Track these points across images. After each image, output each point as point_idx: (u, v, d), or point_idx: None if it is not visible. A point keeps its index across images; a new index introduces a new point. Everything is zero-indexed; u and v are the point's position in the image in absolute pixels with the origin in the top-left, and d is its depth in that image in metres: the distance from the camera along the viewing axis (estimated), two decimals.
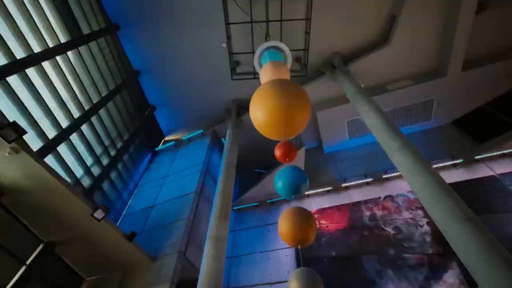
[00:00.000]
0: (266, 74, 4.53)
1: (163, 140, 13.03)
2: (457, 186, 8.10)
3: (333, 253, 8.17)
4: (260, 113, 3.65)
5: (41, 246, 6.19)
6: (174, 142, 12.23)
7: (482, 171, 8.64)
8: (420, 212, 8.29)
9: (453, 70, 9.55)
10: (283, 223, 2.62)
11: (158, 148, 12.30)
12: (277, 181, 2.91)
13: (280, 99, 3.47)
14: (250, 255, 9.09)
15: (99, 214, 5.50)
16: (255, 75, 8.91)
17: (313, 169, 11.26)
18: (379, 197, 9.18)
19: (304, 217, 2.62)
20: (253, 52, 7.80)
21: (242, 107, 11.37)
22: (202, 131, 11.92)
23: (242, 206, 10.77)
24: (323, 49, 9.81)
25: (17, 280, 5.53)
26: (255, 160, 12.61)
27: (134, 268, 6.98)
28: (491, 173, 8.46)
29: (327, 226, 8.91)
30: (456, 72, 9.62)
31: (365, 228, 8.46)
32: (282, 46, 5.71)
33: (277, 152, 3.09)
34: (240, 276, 8.53)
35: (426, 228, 7.86)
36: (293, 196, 2.73)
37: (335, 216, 9.17)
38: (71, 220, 5.86)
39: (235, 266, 8.93)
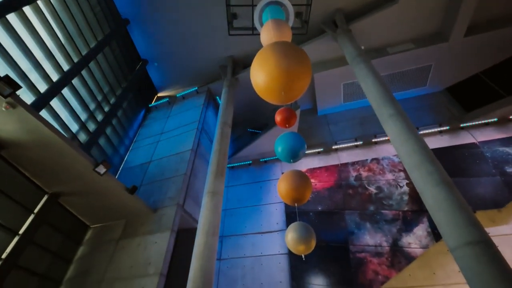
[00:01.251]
0: (267, 34, 4.40)
1: (156, 97, 12.78)
2: (439, 152, 8.65)
3: (319, 208, 8.96)
4: (261, 77, 3.68)
5: (46, 197, 6.53)
6: (167, 99, 12.04)
7: (465, 138, 9.14)
8: (402, 174, 8.95)
9: (456, 34, 9.33)
10: (282, 184, 2.90)
11: (151, 105, 12.13)
12: (277, 146, 3.10)
13: (282, 65, 3.49)
14: (243, 208, 9.84)
15: (100, 169, 5.73)
16: (253, 31, 8.47)
17: (306, 130, 11.56)
18: (366, 159, 9.73)
19: (300, 180, 2.90)
20: (252, 5, 7.33)
21: (238, 65, 11.02)
22: (196, 88, 11.69)
23: (236, 164, 11.23)
24: (326, 4, 9.25)
25: (27, 227, 5.96)
26: (250, 120, 12.74)
27: (136, 217, 7.53)
28: (472, 140, 8.97)
29: (316, 184, 9.57)
30: (459, 37, 9.41)
31: (350, 187, 9.16)
32: (285, 1, 5.40)
33: (277, 118, 3.23)
34: (234, 226, 9.36)
35: (405, 188, 8.60)
36: (291, 160, 2.96)
37: (324, 176, 9.79)
38: (73, 174, 6.09)
39: (229, 217, 9.71)
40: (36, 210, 6.22)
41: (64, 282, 6.97)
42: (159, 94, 12.79)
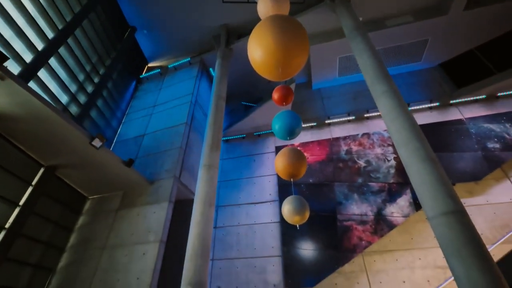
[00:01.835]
0: (264, 5, 4.26)
1: (146, 67, 12.34)
2: (427, 128, 8.96)
3: (310, 181, 9.37)
4: (258, 53, 3.67)
5: (42, 170, 6.58)
6: (159, 70, 11.66)
7: (453, 115, 9.44)
8: (390, 148, 9.32)
9: (456, 7, 9.14)
10: (280, 160, 3.07)
11: (142, 76, 11.76)
12: (275, 124, 3.21)
13: (280, 41, 3.48)
14: (237, 180, 10.19)
15: (96, 142, 5.75)
16: None
17: (300, 104, 11.60)
18: (358, 134, 10.00)
19: (297, 156, 3.06)
20: None
21: (232, 34, 10.61)
22: (189, 59, 11.31)
23: (230, 138, 11.35)
24: None
25: (27, 199, 6.10)
26: (244, 93, 12.62)
27: (134, 189, 7.75)
28: (460, 117, 9.28)
29: (308, 158, 9.88)
30: (459, 10, 9.24)
31: (341, 161, 9.53)
32: None
33: (275, 96, 3.29)
34: (228, 197, 9.76)
35: (393, 162, 9.02)
36: (288, 138, 3.09)
37: (315, 150, 10.08)
38: (69, 147, 6.11)
39: (224, 188, 10.08)
40: (34, 183, 6.32)
41: (67, 249, 7.33)
42: (150, 65, 12.35)
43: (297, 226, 3.17)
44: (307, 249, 8.00)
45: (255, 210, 9.25)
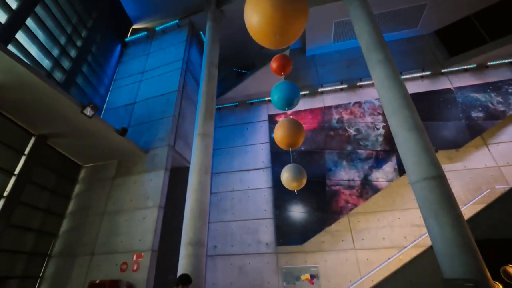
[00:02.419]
0: None
1: (131, 29, 11.54)
2: (417, 97, 9.15)
3: (302, 148, 9.66)
4: (256, 19, 3.58)
5: (33, 139, 6.48)
6: (146, 32, 10.95)
7: (443, 84, 9.60)
8: (380, 117, 9.56)
9: None
10: (278, 131, 3.18)
11: (128, 39, 11.05)
12: (274, 94, 3.24)
13: (279, 6, 3.38)
14: (231, 148, 10.37)
15: (88, 111, 5.64)
16: None
17: (294, 72, 11.40)
18: (349, 103, 10.12)
19: (295, 127, 3.17)
20: None
21: None
22: (177, 21, 10.61)
23: (222, 106, 11.25)
24: None
25: (22, 168, 6.09)
26: (236, 59, 12.21)
27: (128, 157, 7.81)
28: (449, 86, 9.47)
29: None
30: None
31: (332, 129, 9.76)
32: None
33: (273, 65, 3.27)
34: (222, 164, 10.02)
35: (381, 130, 9.34)
36: (286, 108, 3.16)
37: (308, 118, 10.21)
38: (59, 116, 5.96)
39: (217, 156, 10.28)
40: (26, 152, 6.26)
41: (66, 215, 7.56)
42: (135, 26, 11.54)
43: (295, 191, 3.41)
44: (297, 212, 8.57)
45: (249, 177, 9.61)
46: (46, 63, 7.07)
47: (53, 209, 7.23)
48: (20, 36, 6.09)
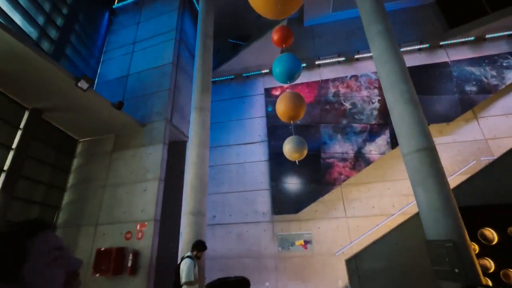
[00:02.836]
0: None
1: None
2: (414, 70, 9.14)
3: (298, 122, 9.76)
4: None
5: (27, 113, 6.37)
6: None
7: (440, 57, 9.57)
8: (376, 91, 9.61)
9: None
10: (281, 104, 3.24)
11: (116, 6, 10.41)
12: (275, 67, 3.24)
13: None
14: (227, 122, 10.40)
15: (83, 84, 5.52)
16: None
17: (292, 43, 11.09)
18: (346, 76, 10.07)
19: (297, 100, 3.23)
20: None
21: None
22: None
23: (218, 79, 11.05)
24: None
25: (19, 142, 6.07)
26: (231, 29, 11.74)
27: (125, 131, 7.80)
28: (446, 59, 9.45)
29: None
30: None
31: (328, 103, 9.81)
32: None
33: (274, 37, 3.24)
34: (219, 138, 10.10)
35: (376, 104, 9.44)
36: (288, 82, 3.18)
37: (304, 92, 10.18)
38: (52, 89, 5.83)
39: (214, 130, 10.30)
40: (22, 126, 6.19)
41: (67, 188, 7.71)
42: None
43: (296, 162, 3.57)
44: (292, 183, 8.92)
45: (245, 150, 9.79)
46: (32, 32, 6.71)
47: (54, 182, 7.34)
48: (1, 2, 5.70)
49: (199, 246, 3.83)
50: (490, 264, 4.58)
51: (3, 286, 0.49)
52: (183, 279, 3.65)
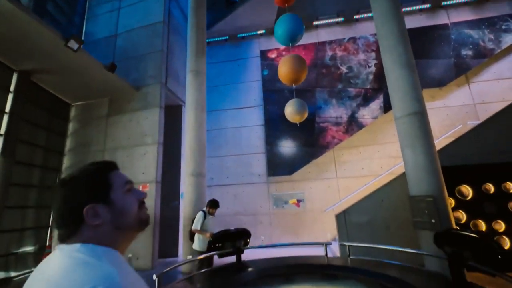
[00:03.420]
0: None
1: None
2: (413, 32, 8.95)
3: (293, 87, 9.71)
4: None
5: (15, 75, 6.13)
6: None
7: (440, 19, 9.32)
8: (373, 54, 9.48)
9: None
10: (283, 67, 3.27)
11: None
12: (277, 28, 3.19)
13: None
14: (222, 86, 10.26)
15: (73, 44, 5.27)
16: None
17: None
18: (344, 38, 9.80)
19: (299, 63, 3.26)
20: None
21: None
22: None
23: (212, 39, 10.58)
24: None
25: (12, 105, 5.95)
26: None
27: (120, 95, 7.67)
28: (446, 21, 9.23)
29: None
30: None
31: (324, 66, 9.69)
32: None
33: None
34: (214, 102, 10.04)
35: (373, 68, 9.40)
36: (290, 44, 3.17)
37: (301, 55, 9.94)
38: (40, 49, 5.55)
39: (209, 94, 10.13)
40: (12, 89, 6.00)
41: (66, 152, 7.78)
42: None
43: (297, 123, 3.73)
44: (287, 147, 9.22)
45: (241, 115, 9.85)
46: None
47: (52, 146, 7.38)
48: None
49: (210, 203, 4.50)
50: (463, 216, 5.15)
51: (100, 207, 0.66)
52: (192, 227, 4.41)
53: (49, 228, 7.13)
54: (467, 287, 2.21)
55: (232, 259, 3.44)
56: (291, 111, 3.31)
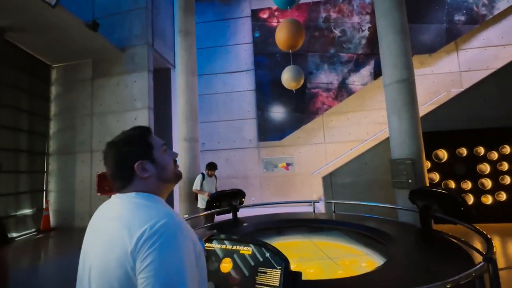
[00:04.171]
0: None
1: None
2: None
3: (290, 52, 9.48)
4: None
5: None
6: None
7: None
8: (367, 17, 9.23)
9: None
10: (280, 32, 3.23)
11: None
12: None
13: None
14: (211, 48, 9.85)
15: None
16: None
17: None
18: None
19: (296, 28, 3.23)
20: None
21: None
22: None
23: None
24: None
25: None
26: None
27: (103, 56, 7.28)
28: None
29: None
30: None
31: (317, 29, 9.40)
32: None
33: None
34: (203, 66, 9.72)
35: (366, 32, 9.23)
36: (288, 7, 3.09)
37: (294, 16, 9.49)
38: (14, 3, 5.05)
39: (198, 57, 9.80)
40: None
41: (52, 117, 7.57)
42: None
43: (293, 90, 3.81)
44: (278, 112, 9.34)
45: (232, 79, 9.68)
46: None
47: (36, 110, 7.13)
48: None
49: (208, 166, 4.88)
50: (436, 177, 5.69)
51: (147, 163, 0.79)
52: (193, 188, 4.87)
53: (44, 192, 7.25)
54: (432, 233, 2.61)
55: (229, 216, 3.77)
56: (288, 77, 3.36)
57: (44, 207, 6.92)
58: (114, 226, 0.68)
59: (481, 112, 5.60)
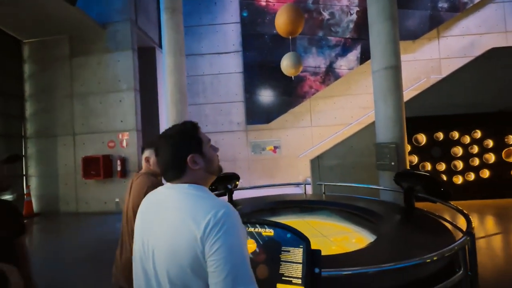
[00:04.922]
0: None
1: None
2: None
3: (274, 32, 9.30)
4: None
5: None
6: None
7: None
8: (356, 0, 9.20)
9: None
10: (280, 17, 3.20)
11: None
12: None
13: None
14: (198, 27, 9.45)
15: None
16: None
17: None
18: None
19: (296, 14, 3.21)
20: None
21: None
22: None
23: None
24: None
25: None
26: None
27: (82, 32, 6.79)
28: None
29: (274, 5, 9.25)
30: None
31: (306, 11, 9.25)
32: None
33: None
34: (190, 45, 9.34)
35: (354, 16, 9.25)
36: None
37: None
38: None
39: (184, 35, 9.40)
40: None
41: (27, 97, 7.08)
42: None
43: (292, 77, 3.85)
44: (266, 96, 9.35)
45: (219, 61, 9.45)
46: None
47: (11, 91, 6.63)
48: None
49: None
50: (415, 159, 6.13)
51: (197, 156, 0.86)
52: None
53: (24, 177, 6.95)
54: (415, 211, 2.90)
55: (225, 199, 3.89)
56: (288, 64, 3.38)
57: (25, 192, 6.66)
58: (176, 216, 0.75)
59: (458, 99, 5.99)
